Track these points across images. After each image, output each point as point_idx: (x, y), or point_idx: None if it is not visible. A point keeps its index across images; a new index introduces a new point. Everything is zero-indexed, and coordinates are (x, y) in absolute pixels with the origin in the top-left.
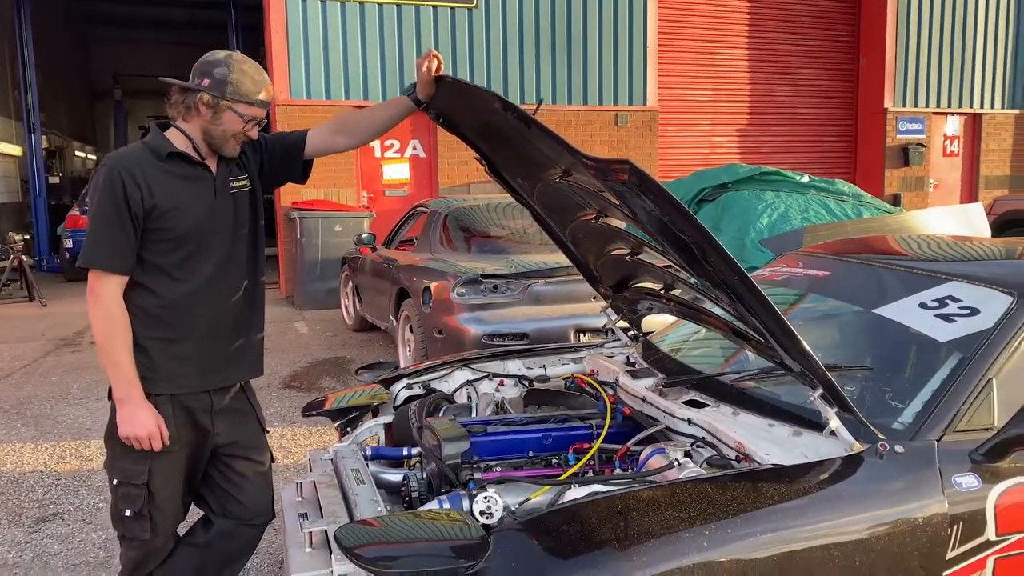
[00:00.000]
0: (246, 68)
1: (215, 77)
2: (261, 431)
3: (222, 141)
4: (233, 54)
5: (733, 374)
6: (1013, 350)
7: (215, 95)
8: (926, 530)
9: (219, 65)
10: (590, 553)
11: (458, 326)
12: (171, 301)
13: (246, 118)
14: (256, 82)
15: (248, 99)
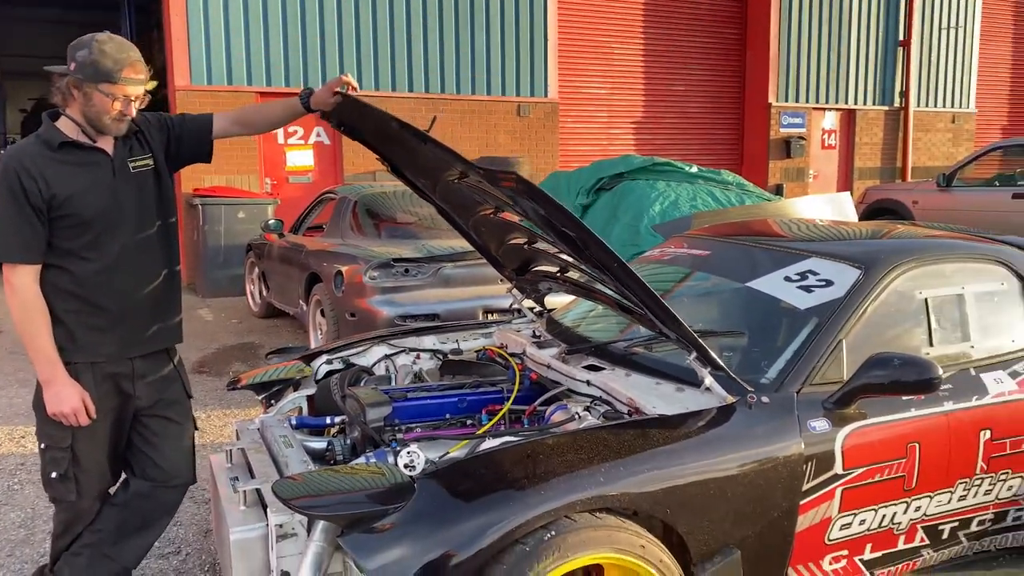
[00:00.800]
0: (107, 49)
1: (78, 60)
2: (185, 396)
3: (100, 123)
4: (97, 35)
5: (625, 341)
6: (860, 315)
7: (79, 78)
8: (786, 466)
9: (82, 48)
10: (504, 490)
11: (371, 308)
12: (83, 279)
13: (114, 97)
14: (117, 61)
15: (111, 79)
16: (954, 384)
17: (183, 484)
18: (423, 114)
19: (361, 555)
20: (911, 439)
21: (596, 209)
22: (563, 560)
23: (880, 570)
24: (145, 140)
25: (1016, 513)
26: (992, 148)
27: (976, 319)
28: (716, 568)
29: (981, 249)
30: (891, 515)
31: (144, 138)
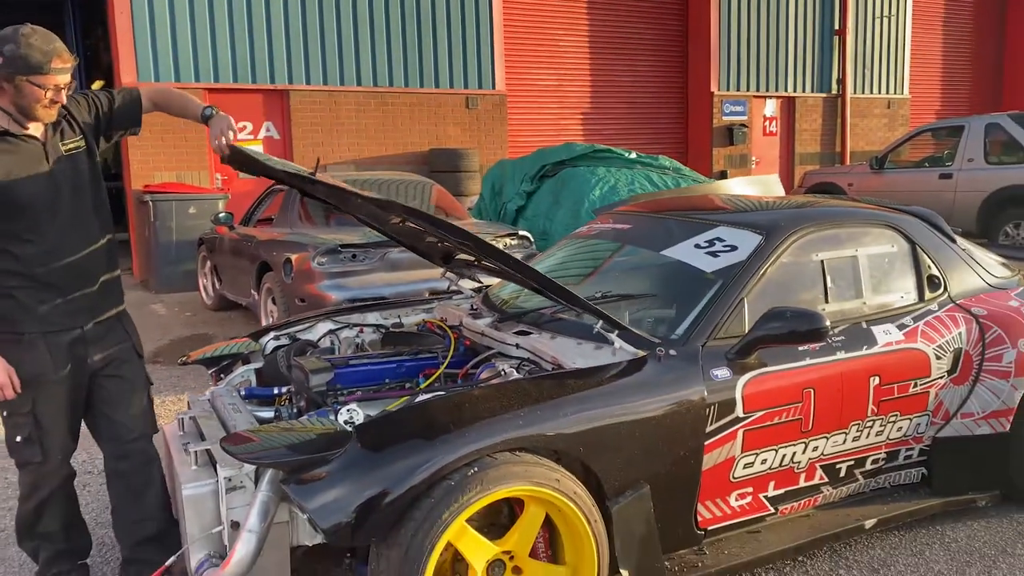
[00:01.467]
0: (33, 42)
1: (6, 55)
2: (135, 355)
3: (31, 111)
4: (21, 29)
5: (549, 309)
6: (760, 276)
7: (10, 72)
8: (691, 410)
9: (8, 42)
10: (432, 435)
11: (320, 293)
12: (26, 259)
13: (45, 88)
14: (45, 53)
15: (41, 71)
16: (846, 336)
17: (146, 434)
18: (372, 108)
19: (303, 497)
20: (807, 385)
21: (539, 195)
22: (485, 492)
23: (784, 506)
24: (75, 121)
25: (907, 452)
26: (919, 132)
27: (868, 278)
28: (627, 501)
29: (875, 216)
30: (791, 455)
31: (74, 120)
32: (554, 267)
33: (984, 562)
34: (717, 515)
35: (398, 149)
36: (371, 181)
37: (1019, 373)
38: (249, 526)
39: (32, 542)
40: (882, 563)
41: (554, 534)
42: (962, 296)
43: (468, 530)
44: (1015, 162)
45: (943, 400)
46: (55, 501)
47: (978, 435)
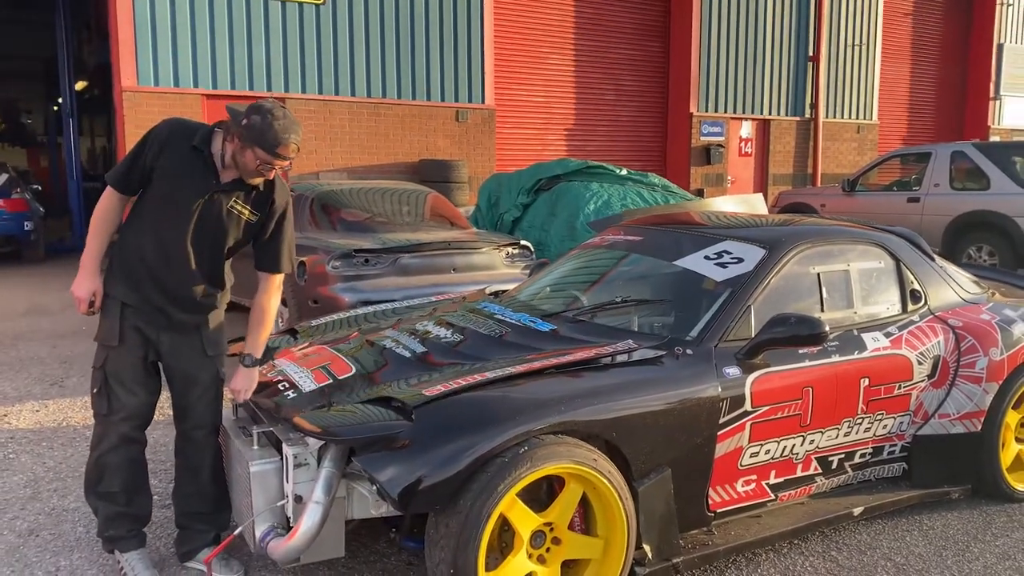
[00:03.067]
0: (276, 126)
1: (251, 122)
2: (203, 354)
3: (238, 168)
4: (275, 109)
5: (572, 311)
6: (764, 285)
7: (244, 134)
8: (706, 403)
9: (259, 113)
10: (487, 418)
11: (333, 295)
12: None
13: (260, 161)
14: (279, 138)
15: (267, 149)
16: (840, 341)
17: (206, 425)
18: (365, 118)
19: (374, 469)
20: (806, 384)
21: (535, 208)
22: (534, 468)
23: (783, 493)
24: (266, 202)
25: (890, 448)
26: (890, 156)
27: (858, 291)
28: (652, 482)
29: (864, 235)
30: (790, 446)
31: (265, 201)
32: (570, 273)
33: (958, 546)
34: (726, 499)
35: (389, 159)
36: (374, 189)
37: (990, 379)
38: (315, 498)
39: (95, 499)
40: (868, 546)
41: (588, 510)
42: (940, 309)
43: (518, 502)
44: (978, 189)
45: (923, 401)
46: (115, 458)
47: (953, 434)
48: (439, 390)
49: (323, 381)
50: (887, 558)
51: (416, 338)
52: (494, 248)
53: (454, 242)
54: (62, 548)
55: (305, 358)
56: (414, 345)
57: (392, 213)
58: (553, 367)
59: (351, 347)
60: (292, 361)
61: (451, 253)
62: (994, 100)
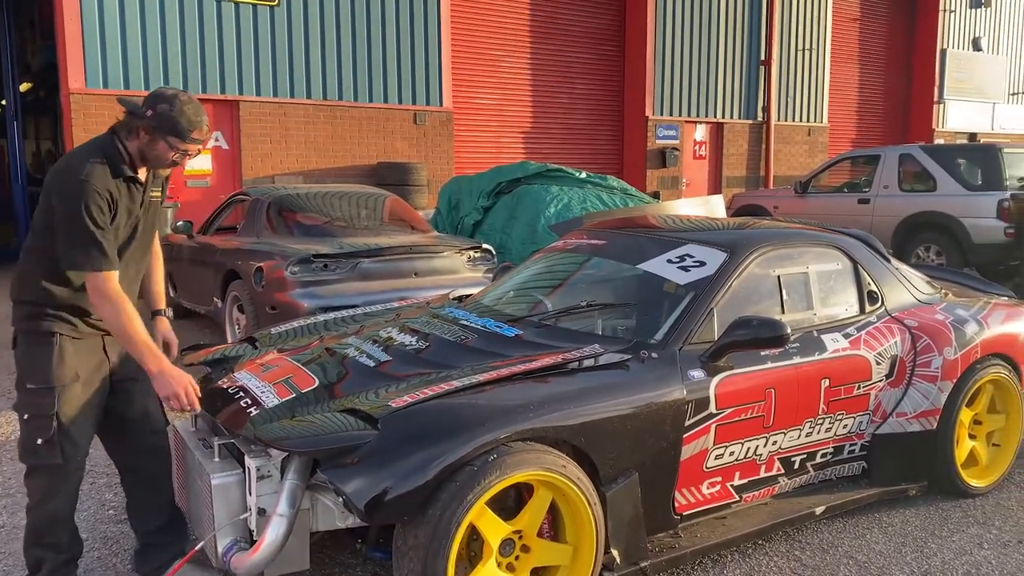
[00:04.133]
0: (187, 110)
1: (158, 112)
2: None
3: (152, 163)
4: (180, 95)
5: (537, 316)
6: (727, 288)
7: (153, 126)
8: (672, 406)
9: (164, 101)
10: (455, 426)
11: (291, 301)
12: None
13: (176, 150)
14: (192, 122)
15: (181, 136)
16: (800, 343)
17: (161, 431)
18: (322, 121)
19: (340, 480)
20: (768, 385)
21: (496, 211)
22: (504, 476)
23: (747, 494)
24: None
25: (851, 447)
26: (840, 159)
27: (817, 292)
28: (619, 487)
29: (822, 237)
30: (754, 448)
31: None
32: (534, 278)
33: (916, 543)
34: (691, 501)
35: (346, 162)
36: (332, 193)
37: (944, 377)
38: (280, 511)
39: (40, 551)
40: (830, 544)
41: (556, 516)
42: (896, 309)
43: (487, 511)
44: (925, 190)
45: (881, 401)
46: (68, 509)
47: (910, 432)
48: (406, 400)
49: (286, 396)
50: (849, 556)
51: (379, 346)
52: (456, 252)
53: (415, 246)
54: (13, 567)
55: (266, 370)
56: (377, 353)
57: (351, 217)
58: (520, 373)
59: (312, 357)
60: (253, 374)
61: (412, 257)
62: (938, 104)
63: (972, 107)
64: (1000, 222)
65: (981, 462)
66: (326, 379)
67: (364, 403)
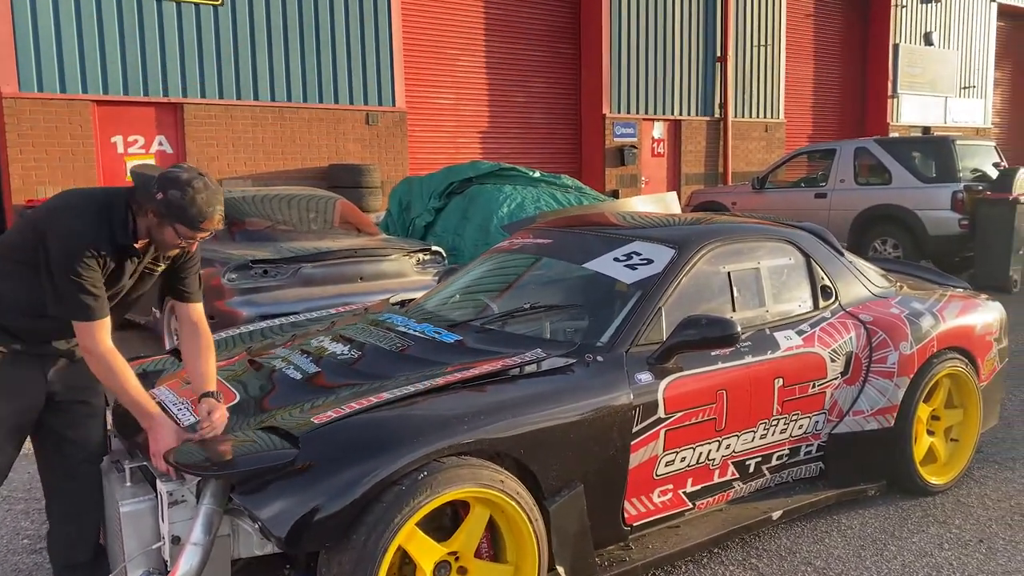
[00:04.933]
0: (198, 199)
1: (169, 198)
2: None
3: (157, 244)
4: (194, 181)
5: (480, 320)
6: (675, 287)
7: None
8: (619, 412)
9: (176, 187)
10: (381, 442)
11: (230, 310)
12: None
13: (184, 237)
14: (203, 213)
15: (190, 226)
16: (752, 341)
17: (98, 458)
18: (270, 122)
19: (255, 506)
20: (720, 387)
21: (448, 212)
22: (435, 495)
23: (700, 501)
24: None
25: (807, 448)
26: (797, 154)
27: (769, 288)
28: (563, 500)
29: (774, 232)
30: (706, 452)
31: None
32: (479, 280)
33: (876, 546)
34: (642, 511)
35: (297, 164)
36: (277, 196)
37: (901, 373)
38: (194, 539)
39: None
40: (788, 551)
41: (496, 534)
42: (851, 304)
43: (418, 532)
44: (881, 183)
45: (837, 399)
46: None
47: (867, 431)
48: (329, 416)
49: None
50: (807, 563)
51: (309, 357)
52: (404, 254)
53: (360, 249)
54: None
55: (186, 385)
56: (306, 365)
57: (296, 221)
58: (457, 382)
59: (236, 371)
60: (172, 390)
61: (358, 261)
62: (892, 98)
63: (925, 101)
64: (954, 214)
65: (940, 458)
66: (248, 394)
67: (285, 420)
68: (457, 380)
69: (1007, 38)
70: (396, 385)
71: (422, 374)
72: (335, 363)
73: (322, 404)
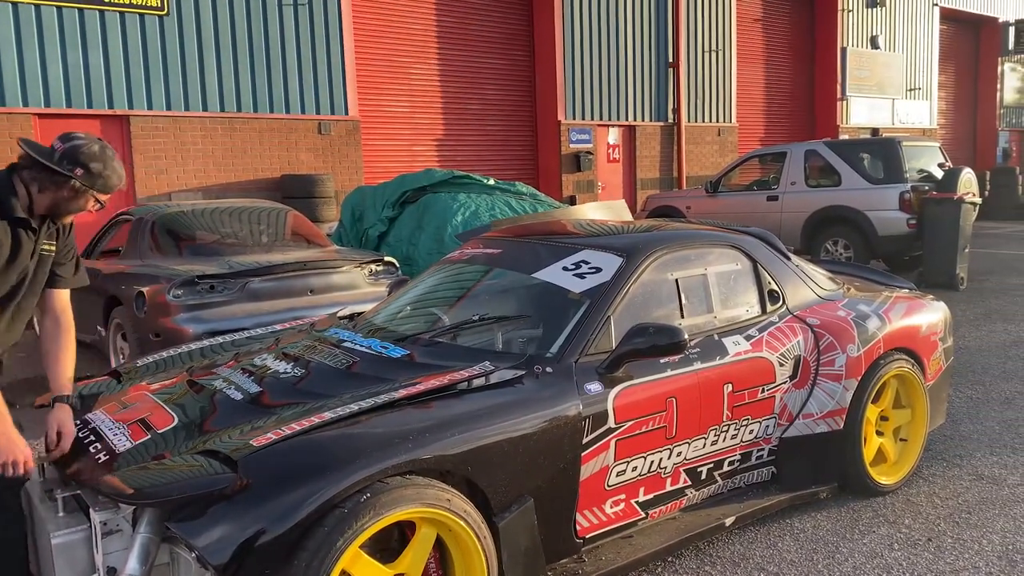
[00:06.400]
0: (115, 165)
1: (92, 170)
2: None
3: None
4: (107, 149)
5: (428, 333)
6: (623, 295)
7: (84, 183)
8: (568, 424)
9: (96, 160)
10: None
11: (176, 327)
12: None
13: (96, 201)
14: (120, 178)
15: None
16: (701, 348)
17: (13, 485)
18: (220, 133)
19: (190, 535)
20: (670, 394)
21: (402, 221)
22: (378, 517)
23: (653, 510)
24: (59, 232)
25: (758, 453)
26: (748, 157)
27: (717, 294)
28: (513, 515)
29: (720, 237)
30: (658, 461)
31: (60, 231)
32: (429, 292)
33: (828, 548)
34: (594, 523)
35: (248, 175)
36: (224, 209)
37: (849, 375)
38: (130, 570)
39: None
40: (742, 557)
41: (444, 553)
42: (798, 308)
43: (362, 556)
44: (831, 185)
45: (787, 403)
46: None
47: (817, 433)
48: (269, 438)
49: (141, 437)
50: (760, 568)
51: (251, 376)
52: (355, 266)
53: (310, 262)
54: None
55: (123, 408)
56: (248, 385)
57: (245, 234)
58: (402, 399)
59: (174, 393)
60: (108, 414)
61: (307, 274)
62: (841, 100)
63: (873, 103)
64: (902, 214)
65: (889, 459)
66: (186, 417)
67: (223, 443)
68: (403, 397)
69: (950, 41)
70: (340, 404)
71: (367, 391)
72: (278, 382)
73: (262, 426)
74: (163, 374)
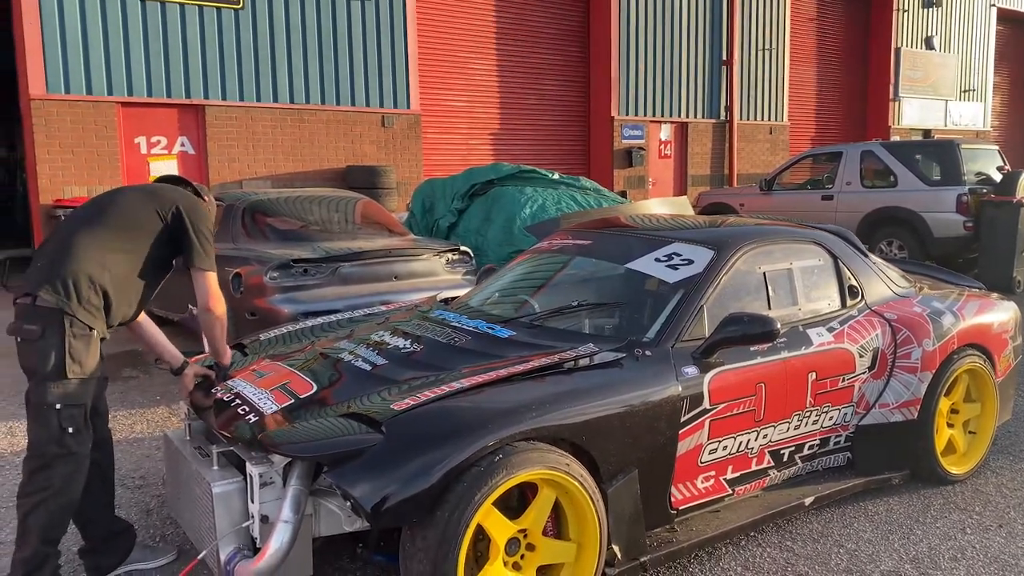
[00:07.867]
0: None
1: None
2: None
3: None
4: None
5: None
6: (716, 286)
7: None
8: (668, 403)
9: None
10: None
11: (271, 307)
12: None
13: None
14: None
15: None
16: (787, 338)
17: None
18: (289, 124)
19: (348, 484)
20: (759, 380)
21: (471, 213)
22: (509, 476)
23: (739, 487)
24: None
25: (836, 439)
26: (803, 156)
27: (801, 288)
28: (620, 483)
29: (803, 234)
30: (746, 441)
31: None
32: (523, 278)
33: (903, 530)
34: (687, 496)
35: (315, 166)
36: (306, 197)
37: (924, 368)
38: (284, 517)
39: (47, 549)
40: (820, 534)
41: (559, 514)
42: (876, 303)
43: (494, 511)
44: (886, 186)
45: (865, 393)
46: (79, 496)
47: (892, 422)
48: (408, 403)
49: (285, 401)
50: (839, 544)
51: (372, 349)
52: (434, 254)
53: (394, 250)
54: None
55: (260, 376)
56: (372, 356)
57: (326, 221)
58: (518, 374)
59: (306, 362)
60: (248, 381)
61: (391, 261)
62: (893, 101)
63: (926, 104)
64: (959, 216)
65: (959, 450)
66: (323, 384)
67: (366, 407)
68: (518, 372)
69: (1006, 41)
70: (461, 376)
71: (484, 366)
72: (397, 355)
73: (397, 393)
74: (284, 348)
